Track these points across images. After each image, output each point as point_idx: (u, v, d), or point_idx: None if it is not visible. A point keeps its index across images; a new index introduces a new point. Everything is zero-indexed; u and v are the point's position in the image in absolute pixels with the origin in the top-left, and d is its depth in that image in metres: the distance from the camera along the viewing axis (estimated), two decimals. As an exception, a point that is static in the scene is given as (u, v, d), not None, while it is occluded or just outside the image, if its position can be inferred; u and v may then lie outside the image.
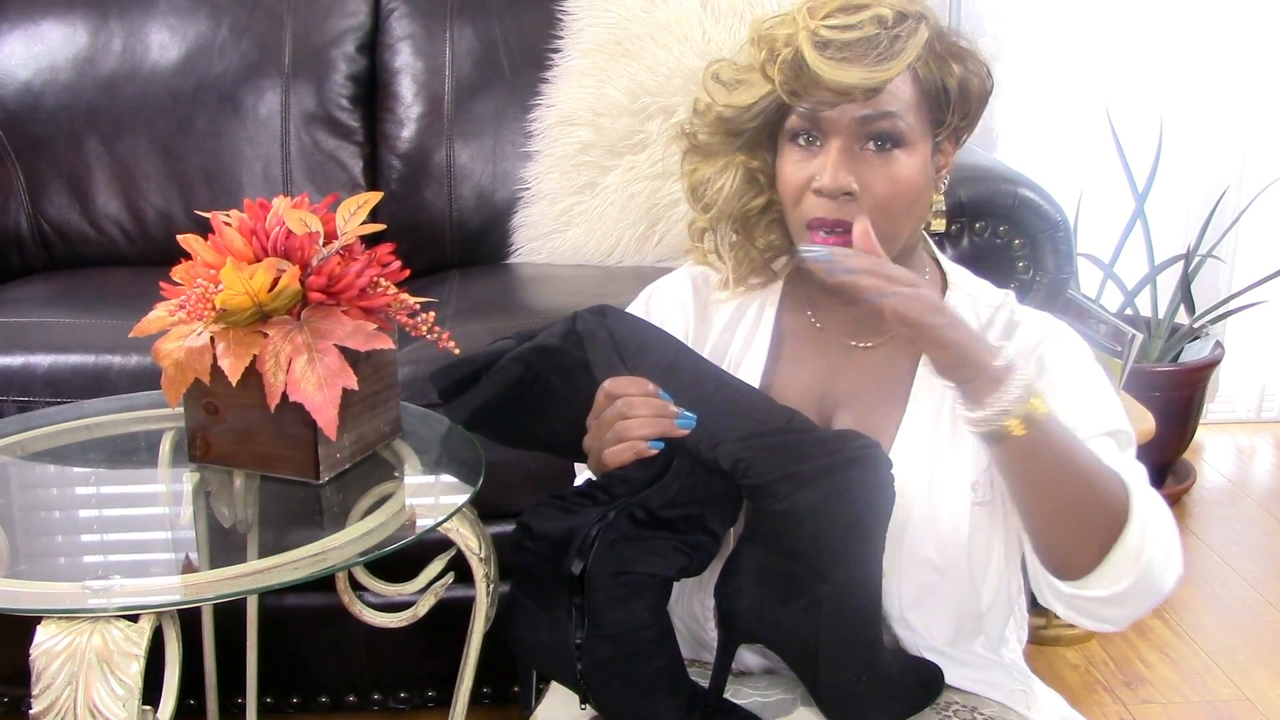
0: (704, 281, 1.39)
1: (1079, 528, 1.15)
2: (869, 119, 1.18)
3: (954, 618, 1.26)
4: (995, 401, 1.10)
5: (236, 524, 1.40)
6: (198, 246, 1.39)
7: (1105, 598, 1.15)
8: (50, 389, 1.88)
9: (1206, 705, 2.18)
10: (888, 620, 1.24)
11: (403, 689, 2.08)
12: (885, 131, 1.19)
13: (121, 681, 1.11)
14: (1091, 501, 1.14)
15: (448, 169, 2.47)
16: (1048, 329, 1.30)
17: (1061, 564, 1.18)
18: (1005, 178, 1.93)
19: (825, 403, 1.30)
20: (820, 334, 1.33)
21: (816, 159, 1.20)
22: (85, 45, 2.50)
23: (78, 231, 2.49)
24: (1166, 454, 2.97)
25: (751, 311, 1.35)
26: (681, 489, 1.14)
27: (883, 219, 1.19)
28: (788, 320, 1.35)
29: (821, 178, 1.18)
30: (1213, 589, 2.60)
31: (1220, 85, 3.16)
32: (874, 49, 1.15)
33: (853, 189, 1.18)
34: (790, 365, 1.33)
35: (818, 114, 1.19)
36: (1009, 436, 1.11)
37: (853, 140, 1.19)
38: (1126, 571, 1.14)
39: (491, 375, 1.23)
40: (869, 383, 1.30)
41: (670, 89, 2.31)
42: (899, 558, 1.22)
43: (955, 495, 1.24)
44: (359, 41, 2.53)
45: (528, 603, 1.17)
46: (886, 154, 1.19)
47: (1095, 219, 3.08)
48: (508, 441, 1.32)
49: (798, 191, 1.21)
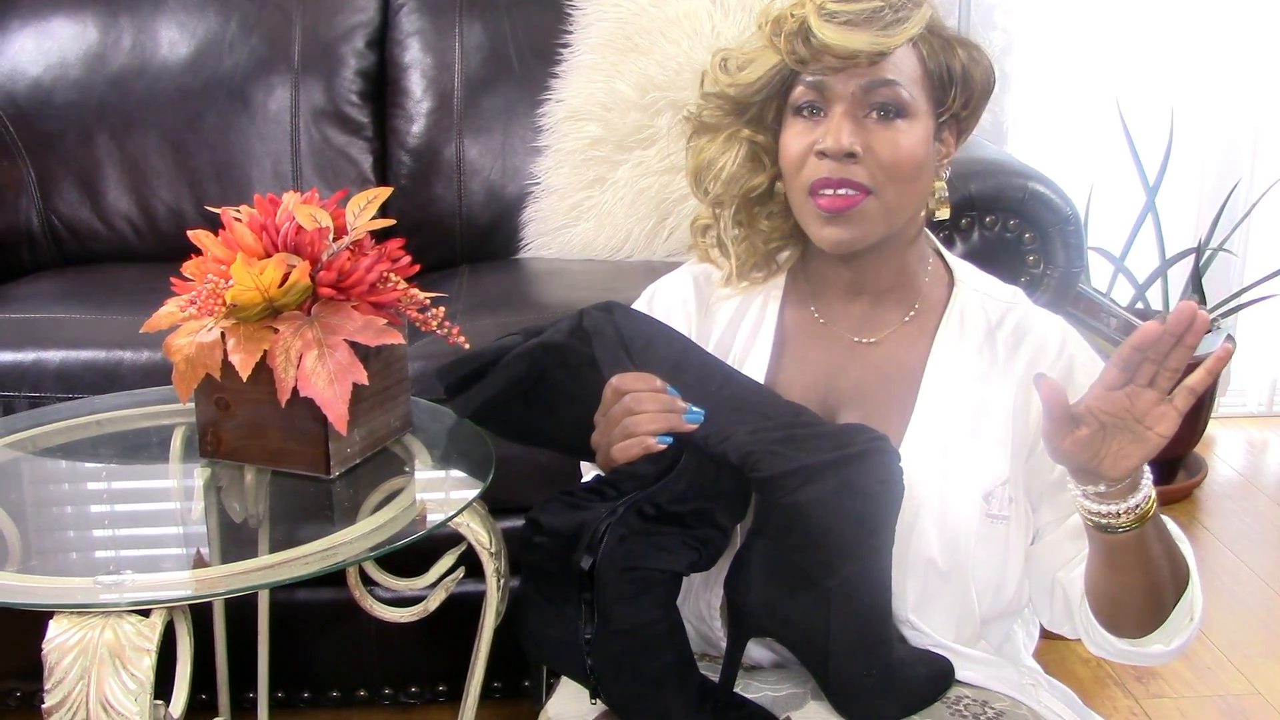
0: (706, 280, 1.39)
1: (1156, 602, 1.20)
2: (872, 85, 1.20)
3: (954, 623, 1.26)
4: (1124, 503, 1.12)
5: (247, 519, 1.40)
6: (208, 242, 1.40)
7: (1162, 653, 1.22)
8: (61, 385, 1.89)
9: (1218, 700, 2.17)
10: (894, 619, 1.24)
11: (414, 684, 2.08)
12: (888, 100, 1.20)
13: (133, 676, 1.11)
14: (1168, 583, 1.19)
15: (457, 164, 2.47)
16: (1065, 329, 1.31)
17: (1124, 627, 1.22)
18: (1016, 171, 1.92)
19: (829, 401, 1.30)
20: (824, 329, 1.33)
21: (820, 127, 1.22)
22: (95, 42, 2.50)
23: (88, 228, 2.49)
24: (1178, 448, 2.97)
25: (754, 308, 1.35)
26: (690, 484, 1.14)
27: (886, 187, 1.21)
28: (791, 316, 1.35)
29: (824, 140, 1.20)
30: (1224, 583, 2.59)
31: (1232, 78, 3.15)
32: (878, 18, 1.18)
33: (855, 149, 1.20)
34: (794, 362, 1.33)
35: (823, 83, 1.21)
36: (1119, 530, 1.14)
37: (856, 107, 1.21)
38: (1182, 628, 1.20)
39: (497, 371, 1.23)
40: (875, 379, 1.30)
41: (680, 84, 2.30)
42: (905, 557, 1.22)
43: (965, 498, 1.24)
44: (368, 37, 2.54)
45: (537, 598, 1.17)
46: (889, 123, 1.21)
47: (1106, 213, 3.08)
48: (513, 437, 1.32)
49: (800, 158, 1.23)
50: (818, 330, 1.33)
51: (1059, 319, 1.33)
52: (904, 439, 1.26)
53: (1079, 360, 1.29)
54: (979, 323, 1.30)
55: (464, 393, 1.27)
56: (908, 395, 1.28)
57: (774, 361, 1.32)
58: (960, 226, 1.89)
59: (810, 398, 1.29)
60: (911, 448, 1.25)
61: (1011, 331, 1.30)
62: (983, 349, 1.29)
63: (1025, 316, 1.31)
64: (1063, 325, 1.32)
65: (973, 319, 1.30)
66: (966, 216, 1.89)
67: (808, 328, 1.33)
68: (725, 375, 1.21)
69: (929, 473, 1.23)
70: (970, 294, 1.32)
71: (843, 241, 1.23)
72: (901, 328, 1.31)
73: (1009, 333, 1.30)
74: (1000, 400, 1.27)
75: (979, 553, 1.24)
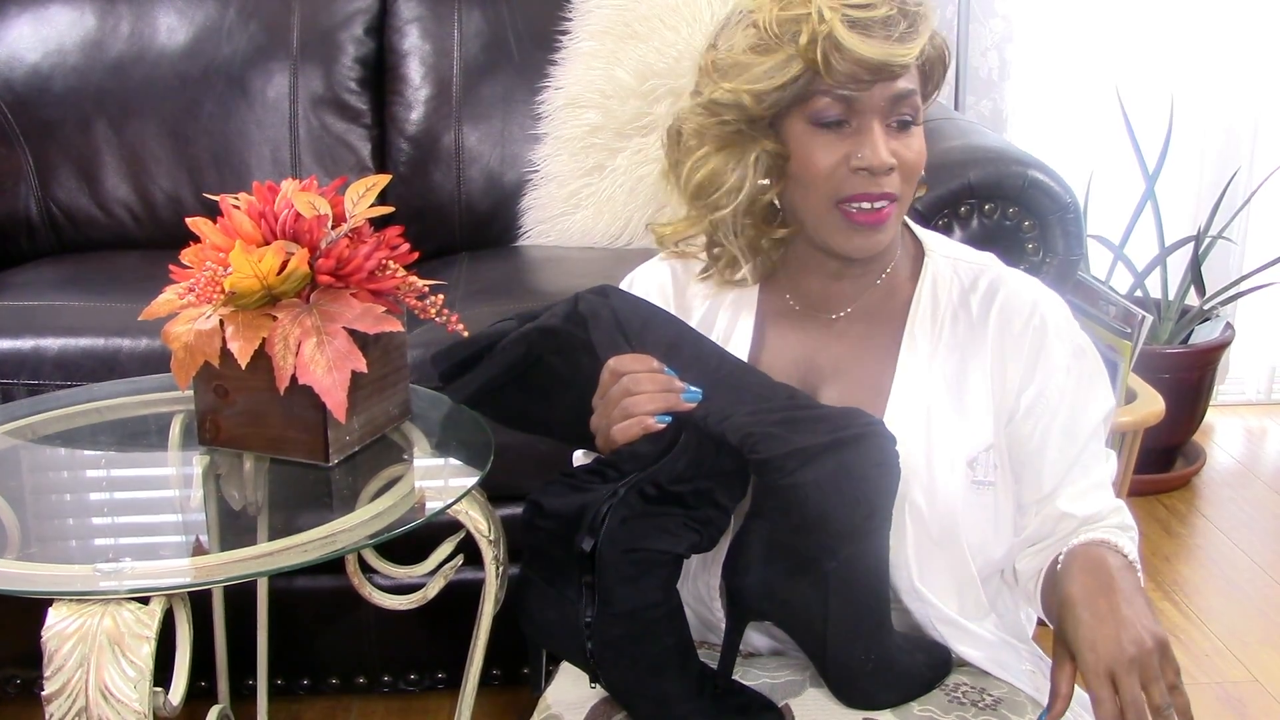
0: (683, 268, 1.38)
1: None
2: (899, 97, 1.20)
3: (955, 591, 1.26)
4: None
5: (246, 507, 1.41)
6: (206, 230, 1.39)
7: None
8: (60, 372, 1.89)
9: (1216, 687, 2.18)
10: (899, 593, 1.25)
11: (412, 671, 2.08)
12: (909, 110, 1.21)
13: (133, 663, 1.11)
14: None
15: (456, 152, 2.47)
16: (1037, 291, 1.30)
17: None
18: (1015, 159, 1.92)
19: (810, 378, 1.30)
20: (799, 314, 1.33)
21: (848, 140, 1.20)
22: (93, 28, 2.50)
23: (87, 215, 2.49)
24: (1176, 436, 2.97)
25: (730, 296, 1.35)
26: (690, 463, 1.14)
27: (905, 191, 1.23)
28: (766, 302, 1.35)
29: (865, 156, 1.19)
30: (1222, 571, 2.59)
31: (1232, 66, 3.15)
32: (896, 27, 1.16)
33: (894, 164, 1.20)
34: (774, 344, 1.33)
35: (853, 97, 1.19)
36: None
37: (884, 118, 1.20)
38: None
39: (493, 356, 1.23)
40: (852, 353, 1.30)
41: (679, 71, 2.30)
42: (901, 526, 1.22)
43: (951, 466, 1.24)
44: (367, 24, 2.53)
45: (538, 581, 1.18)
46: (908, 130, 1.22)
47: (1105, 200, 3.07)
48: (508, 423, 1.32)
49: (831, 170, 1.21)
50: (794, 314, 1.33)
51: (1035, 281, 1.32)
52: (885, 410, 1.26)
53: (1052, 323, 1.27)
54: (952, 288, 1.30)
55: (459, 379, 1.26)
56: (886, 367, 1.28)
57: (755, 346, 1.33)
58: (960, 214, 1.89)
59: (792, 377, 1.28)
60: (894, 418, 1.25)
61: (984, 293, 1.29)
62: (959, 314, 1.29)
63: (998, 277, 1.30)
64: (1038, 287, 1.31)
65: (945, 285, 1.30)
66: (966, 204, 1.88)
67: (784, 313, 1.34)
68: (720, 356, 1.21)
69: (915, 442, 1.24)
70: (941, 261, 1.32)
71: (870, 248, 1.24)
72: (873, 299, 1.30)
73: (982, 294, 1.29)
74: (980, 365, 1.27)
75: (967, 519, 1.24)
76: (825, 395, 1.29)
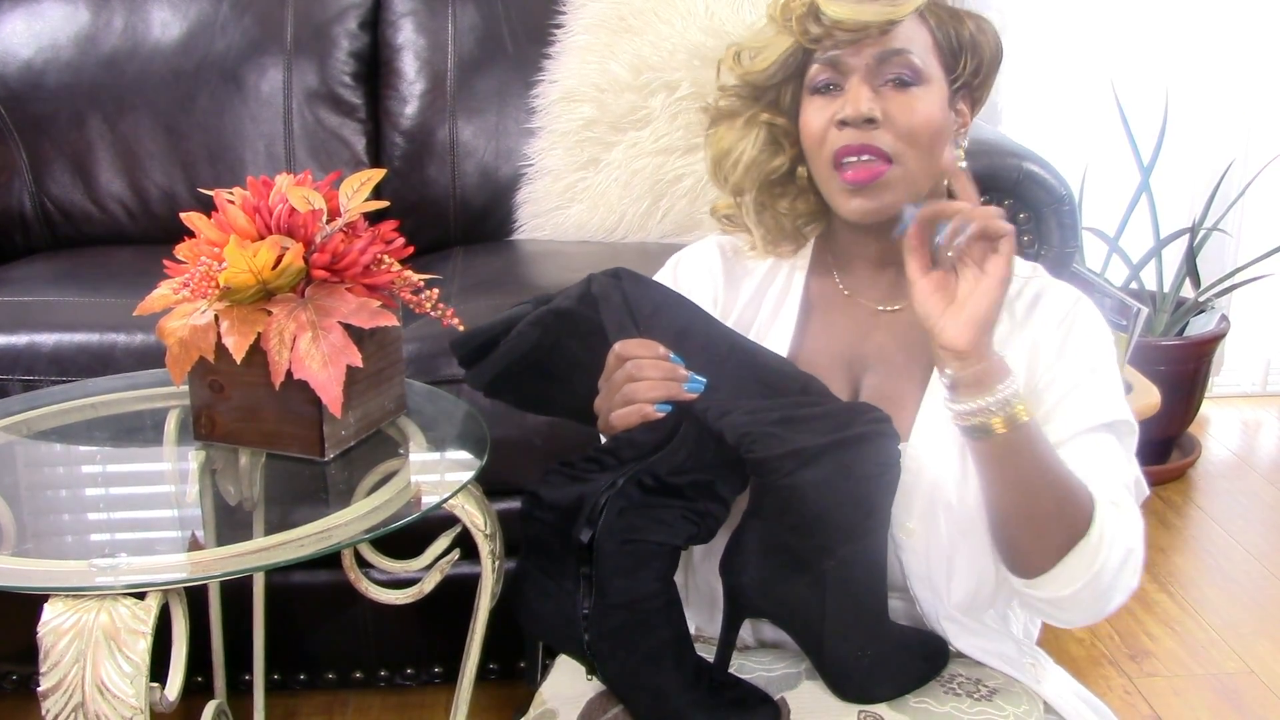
0: (733, 250, 1.41)
1: (1039, 533, 1.18)
2: (885, 56, 1.22)
3: (974, 582, 1.26)
4: (977, 401, 1.14)
5: (242, 502, 1.41)
6: (201, 224, 1.39)
7: (1050, 599, 1.19)
8: (55, 368, 1.88)
9: (1211, 678, 2.18)
10: (909, 582, 1.25)
11: (409, 665, 2.08)
12: (903, 68, 1.23)
13: (129, 659, 1.11)
14: (1055, 511, 1.17)
15: (451, 146, 2.46)
16: (1079, 299, 1.32)
17: (1016, 562, 1.21)
18: (1010, 151, 1.92)
19: (854, 367, 1.32)
20: (848, 300, 1.35)
21: (838, 100, 1.24)
22: (87, 23, 2.49)
23: (81, 210, 2.49)
24: (1172, 428, 2.97)
25: (780, 278, 1.37)
26: (689, 455, 1.14)
27: (907, 154, 1.23)
28: (815, 286, 1.37)
29: (844, 109, 1.22)
30: (1217, 562, 2.60)
31: (1226, 58, 3.15)
32: None
33: (875, 114, 1.21)
34: (818, 330, 1.34)
35: (837, 58, 1.23)
36: (991, 434, 1.15)
37: (872, 78, 1.23)
38: (1075, 579, 1.17)
39: (510, 340, 1.22)
40: (895, 345, 1.31)
41: (674, 64, 2.30)
42: (937, 519, 1.23)
43: None
44: (361, 18, 2.53)
45: (536, 572, 1.17)
46: (905, 90, 1.23)
47: (1100, 193, 3.08)
48: (530, 408, 1.32)
49: (822, 132, 1.24)
50: (842, 300, 1.35)
51: (1077, 291, 1.34)
52: (924, 399, 1.27)
53: (1079, 326, 1.29)
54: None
55: (478, 364, 1.26)
56: (926, 359, 1.28)
57: (799, 329, 1.34)
58: (955, 207, 1.89)
59: (835, 363, 1.31)
60: (931, 408, 1.26)
61: (1029, 299, 1.31)
62: (1001, 316, 1.29)
63: (1044, 287, 1.32)
64: (1078, 295, 1.33)
65: None
66: (961, 197, 1.88)
67: (832, 298, 1.35)
68: (732, 343, 1.21)
69: (951, 436, 1.24)
70: None
71: (869, 212, 1.24)
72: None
73: (1027, 302, 1.31)
74: (1016, 358, 1.28)
75: None
76: (866, 383, 1.31)
